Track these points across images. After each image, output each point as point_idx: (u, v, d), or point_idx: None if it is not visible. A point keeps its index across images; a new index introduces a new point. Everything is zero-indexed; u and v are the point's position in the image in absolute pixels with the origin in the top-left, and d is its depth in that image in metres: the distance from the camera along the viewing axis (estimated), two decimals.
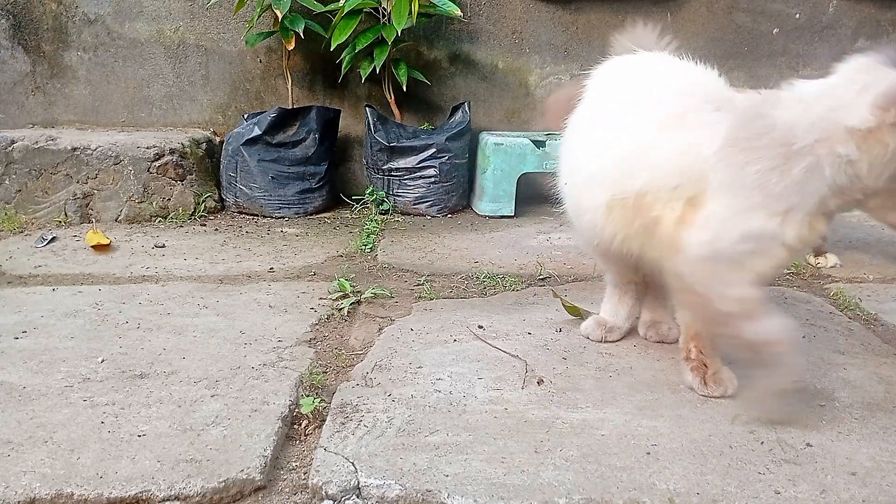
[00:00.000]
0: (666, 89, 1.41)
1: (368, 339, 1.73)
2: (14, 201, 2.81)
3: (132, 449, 1.21)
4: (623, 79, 1.52)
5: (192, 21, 3.27)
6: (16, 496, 1.08)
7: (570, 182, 1.54)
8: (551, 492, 1.10)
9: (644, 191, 1.33)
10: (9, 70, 3.27)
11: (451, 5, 2.92)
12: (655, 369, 1.55)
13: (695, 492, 1.10)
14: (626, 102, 1.44)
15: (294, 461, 1.23)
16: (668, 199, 1.31)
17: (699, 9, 3.34)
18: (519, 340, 1.69)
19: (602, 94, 1.53)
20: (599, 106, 1.51)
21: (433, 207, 3.05)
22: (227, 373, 1.51)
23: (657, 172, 1.33)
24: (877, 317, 1.90)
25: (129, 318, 1.82)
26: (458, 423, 1.30)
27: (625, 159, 1.38)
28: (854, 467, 1.17)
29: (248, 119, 3.09)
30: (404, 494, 1.10)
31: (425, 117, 3.34)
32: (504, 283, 2.16)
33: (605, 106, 1.49)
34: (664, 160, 1.32)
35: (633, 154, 1.37)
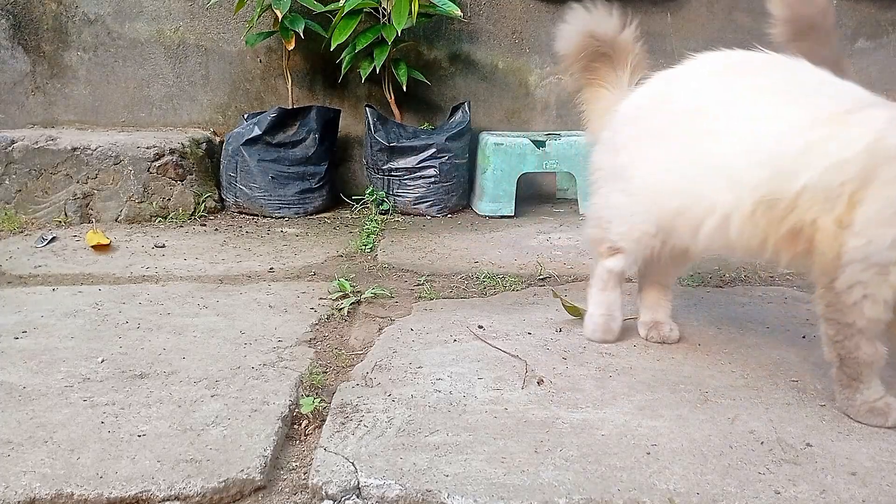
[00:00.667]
0: (802, 86, 1.37)
1: (368, 339, 1.73)
2: (14, 201, 2.81)
3: (132, 449, 1.21)
4: (730, 76, 1.45)
5: (192, 21, 3.27)
6: (16, 496, 1.08)
7: (676, 186, 1.45)
8: (551, 492, 1.10)
9: (804, 191, 1.29)
10: (9, 70, 3.27)
11: (451, 5, 2.92)
12: (655, 369, 1.55)
13: (695, 492, 1.10)
14: (756, 101, 1.38)
15: (294, 461, 1.23)
16: (829, 198, 1.27)
17: (699, 9, 3.34)
18: (519, 340, 1.69)
19: (709, 91, 1.45)
20: (714, 104, 1.42)
21: (433, 207, 3.05)
22: (227, 373, 1.51)
23: (821, 171, 1.27)
24: None
25: (129, 318, 1.82)
26: (458, 423, 1.30)
27: (777, 158, 1.31)
28: (854, 467, 1.17)
29: (248, 119, 3.09)
30: (404, 494, 1.10)
31: (425, 117, 3.34)
32: (504, 283, 2.16)
33: (722, 105, 1.41)
34: (830, 157, 1.27)
35: (789, 153, 1.30)
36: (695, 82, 1.50)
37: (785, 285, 2.15)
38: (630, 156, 1.53)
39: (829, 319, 1.33)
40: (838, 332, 1.32)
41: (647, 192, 1.51)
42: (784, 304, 1.98)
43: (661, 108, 1.51)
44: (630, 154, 1.53)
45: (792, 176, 1.30)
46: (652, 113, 1.52)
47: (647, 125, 1.52)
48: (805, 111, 1.33)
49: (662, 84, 1.56)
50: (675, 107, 1.49)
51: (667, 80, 1.56)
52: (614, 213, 1.59)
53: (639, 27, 1.72)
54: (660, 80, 1.57)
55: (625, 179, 1.55)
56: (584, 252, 2.50)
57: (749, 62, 1.46)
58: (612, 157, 1.58)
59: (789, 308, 1.94)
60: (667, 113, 1.49)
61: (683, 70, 1.53)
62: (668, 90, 1.53)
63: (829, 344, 1.35)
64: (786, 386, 1.47)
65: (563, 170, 3.10)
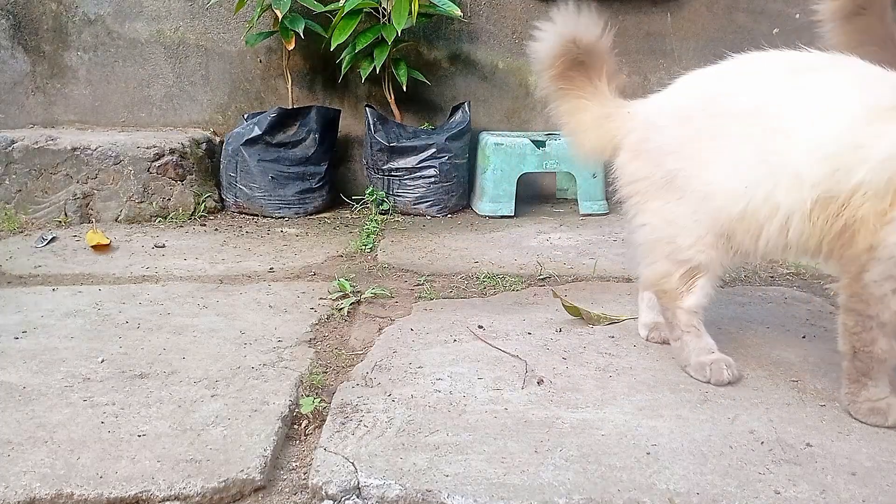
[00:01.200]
0: (857, 81, 1.35)
1: (368, 339, 1.73)
2: (14, 201, 2.81)
3: (132, 449, 1.21)
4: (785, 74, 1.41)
5: (192, 21, 3.28)
6: (16, 496, 1.08)
7: (739, 188, 1.38)
8: (551, 492, 1.10)
9: (858, 187, 1.27)
10: (9, 70, 3.27)
11: (451, 5, 2.92)
12: (655, 369, 1.55)
13: (695, 492, 1.10)
14: (814, 97, 1.35)
15: (294, 461, 1.23)
16: (878, 194, 1.26)
17: (699, 9, 3.34)
18: (519, 340, 1.69)
19: (766, 90, 1.40)
20: (774, 103, 1.37)
21: (433, 207, 3.05)
22: (227, 373, 1.51)
23: (873, 166, 1.26)
24: None
25: (129, 318, 1.82)
26: (458, 423, 1.30)
27: (834, 156, 1.29)
28: (854, 467, 1.17)
29: (248, 119, 3.09)
30: (404, 494, 1.10)
31: (425, 117, 3.34)
32: (504, 283, 2.16)
33: (782, 103, 1.37)
34: (881, 153, 1.26)
35: (845, 149, 1.28)
36: (748, 81, 1.43)
37: (785, 285, 2.15)
38: (682, 160, 1.44)
39: (851, 310, 1.32)
40: (857, 324, 1.31)
41: (709, 197, 1.42)
42: (784, 304, 1.98)
43: (714, 109, 1.43)
44: (682, 158, 1.44)
45: (848, 172, 1.28)
46: (705, 113, 1.44)
47: (701, 126, 1.43)
48: (860, 106, 1.31)
49: (707, 83, 1.50)
50: (731, 106, 1.41)
51: (710, 78, 1.50)
52: (677, 225, 1.46)
53: (639, 27, 1.70)
54: (700, 79, 1.51)
55: (678, 187, 1.45)
56: (584, 252, 2.50)
57: (799, 60, 1.42)
58: (653, 164, 1.48)
59: (789, 308, 1.94)
60: (723, 113, 1.42)
61: (728, 69, 1.48)
62: (720, 89, 1.46)
63: (846, 335, 1.34)
64: (786, 386, 1.47)
65: (563, 170, 3.10)
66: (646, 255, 1.54)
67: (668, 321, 1.55)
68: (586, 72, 1.64)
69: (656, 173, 1.48)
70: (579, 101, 1.65)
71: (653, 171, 1.49)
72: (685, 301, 1.51)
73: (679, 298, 1.51)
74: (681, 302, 1.51)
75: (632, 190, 1.54)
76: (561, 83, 1.65)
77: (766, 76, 1.42)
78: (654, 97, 1.59)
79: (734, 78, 1.46)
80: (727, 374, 1.47)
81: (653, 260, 1.53)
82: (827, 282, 2.18)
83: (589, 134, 1.64)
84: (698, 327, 1.52)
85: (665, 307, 1.54)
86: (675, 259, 1.49)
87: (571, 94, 1.65)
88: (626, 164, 1.55)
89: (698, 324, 1.52)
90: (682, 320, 1.52)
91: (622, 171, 1.56)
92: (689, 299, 1.50)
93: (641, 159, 1.51)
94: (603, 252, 2.51)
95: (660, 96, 1.58)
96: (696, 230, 1.45)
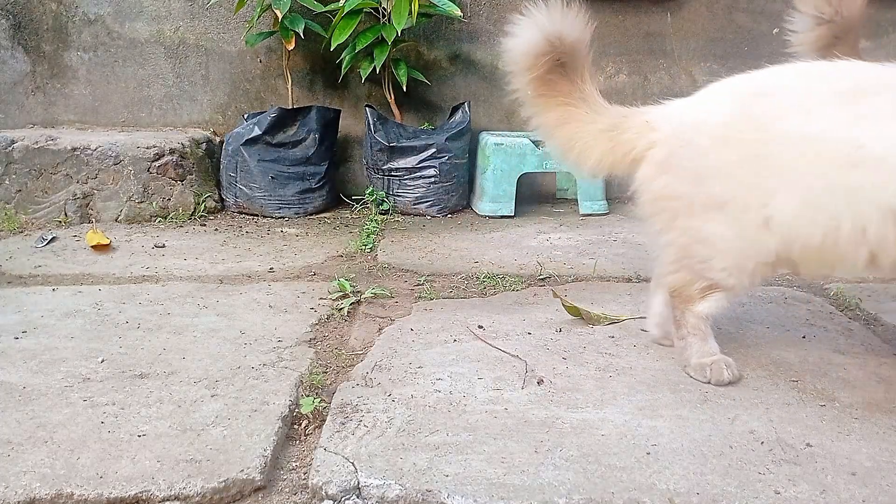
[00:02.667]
0: None
1: (368, 339, 1.73)
2: (14, 201, 2.81)
3: (132, 449, 1.21)
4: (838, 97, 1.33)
5: (192, 21, 3.27)
6: (16, 496, 1.08)
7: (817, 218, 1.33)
8: (551, 492, 1.10)
9: None
10: (9, 70, 3.27)
11: (451, 5, 2.92)
12: (655, 369, 1.55)
13: (695, 492, 1.10)
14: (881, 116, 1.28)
15: (294, 461, 1.23)
16: None
17: (699, 9, 3.34)
18: (519, 340, 1.69)
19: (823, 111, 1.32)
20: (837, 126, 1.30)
21: (433, 207, 3.05)
22: (227, 373, 1.51)
23: None
24: (877, 317, 1.90)
25: (129, 318, 1.82)
26: (458, 423, 1.30)
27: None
28: (854, 467, 1.17)
29: (248, 119, 3.09)
30: (404, 494, 1.10)
31: (425, 117, 3.34)
32: (504, 283, 2.16)
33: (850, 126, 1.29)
34: None
35: None
36: (802, 101, 1.35)
37: (785, 285, 2.15)
38: (734, 186, 1.37)
39: None
40: None
41: (775, 228, 1.35)
42: (784, 304, 1.98)
43: (769, 133, 1.34)
44: (734, 184, 1.37)
45: None
46: (757, 137, 1.35)
47: (756, 152, 1.35)
48: None
49: (752, 100, 1.40)
50: (789, 131, 1.32)
51: (753, 94, 1.41)
52: (715, 248, 1.41)
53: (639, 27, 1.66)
54: (740, 94, 1.43)
55: (727, 211, 1.38)
56: (584, 252, 2.50)
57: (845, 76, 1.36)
58: (690, 184, 1.41)
59: (789, 308, 1.94)
60: (781, 138, 1.33)
61: (771, 84, 1.40)
62: (769, 110, 1.36)
63: None
64: (786, 386, 1.47)
65: (563, 170, 3.10)
66: (669, 265, 1.50)
67: (676, 320, 1.54)
68: (568, 74, 1.51)
69: (695, 194, 1.41)
70: (568, 109, 1.53)
71: (690, 192, 1.41)
72: (698, 306, 1.49)
73: (693, 303, 1.49)
74: (693, 306, 1.50)
75: (659, 207, 1.47)
76: (542, 89, 1.54)
77: (820, 96, 1.34)
78: (678, 107, 1.50)
79: (784, 97, 1.37)
80: (727, 373, 1.47)
81: (676, 269, 1.49)
82: (827, 282, 2.18)
83: (592, 148, 1.54)
84: (705, 331, 1.51)
85: (676, 306, 1.53)
86: (703, 275, 1.45)
87: (555, 101, 1.54)
88: (651, 179, 1.47)
89: (706, 328, 1.51)
90: (690, 322, 1.51)
91: (646, 186, 1.48)
92: (702, 305, 1.49)
93: (673, 176, 1.44)
94: (603, 252, 2.51)
95: (687, 108, 1.48)
96: (735, 257, 1.40)
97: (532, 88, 1.55)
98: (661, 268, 1.53)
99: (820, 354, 1.63)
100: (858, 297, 2.02)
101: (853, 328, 1.81)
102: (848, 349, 1.67)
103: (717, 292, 1.47)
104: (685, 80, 3.36)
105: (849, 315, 1.91)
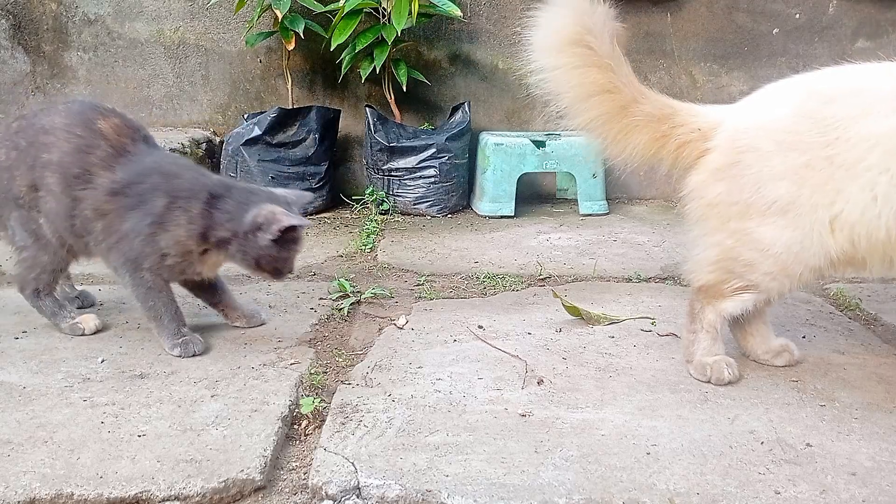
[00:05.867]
0: None
1: (368, 339, 1.73)
2: None
3: (132, 449, 1.21)
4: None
5: (192, 21, 3.28)
6: (16, 496, 1.08)
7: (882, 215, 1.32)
8: (551, 492, 1.10)
9: None
10: (9, 70, 3.27)
11: (451, 5, 2.92)
12: (655, 369, 1.55)
13: (695, 492, 1.10)
14: None
15: (294, 461, 1.23)
16: None
17: (699, 9, 3.34)
18: (519, 340, 1.69)
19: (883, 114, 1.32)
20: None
21: (433, 207, 3.05)
22: (227, 373, 1.51)
23: None
24: (877, 317, 1.90)
25: (128, 319, 1.82)
26: (458, 423, 1.30)
27: None
28: (854, 467, 1.17)
29: (248, 119, 3.09)
30: (404, 494, 1.10)
31: (425, 117, 3.34)
32: (504, 283, 2.16)
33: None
34: None
35: None
36: (866, 101, 1.34)
37: None
38: (800, 188, 1.35)
39: None
40: None
41: (843, 227, 1.34)
42: (784, 304, 1.97)
43: (835, 135, 1.33)
44: (800, 186, 1.35)
45: None
46: (824, 140, 1.34)
47: (825, 154, 1.34)
48: None
49: (812, 103, 1.38)
50: (855, 132, 1.32)
51: (813, 96, 1.40)
52: (765, 252, 1.40)
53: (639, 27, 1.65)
54: (799, 96, 1.42)
55: (791, 214, 1.36)
56: (584, 252, 2.50)
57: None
58: (749, 190, 1.39)
59: (789, 308, 1.94)
60: (848, 140, 1.32)
61: (833, 86, 1.39)
62: (834, 113, 1.35)
63: None
64: (786, 386, 1.47)
65: (563, 170, 3.10)
66: (708, 265, 1.48)
67: (692, 312, 1.52)
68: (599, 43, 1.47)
69: (756, 199, 1.39)
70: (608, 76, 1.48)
71: (748, 197, 1.40)
72: (723, 304, 1.48)
73: (719, 299, 1.48)
74: (719, 303, 1.48)
75: (712, 212, 1.45)
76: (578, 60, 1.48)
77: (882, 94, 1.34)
78: (734, 111, 1.48)
79: (848, 98, 1.36)
80: (727, 373, 1.47)
81: (714, 269, 1.47)
82: (827, 282, 2.18)
83: (636, 132, 1.50)
84: (718, 331, 1.51)
85: (698, 300, 1.51)
86: (742, 276, 1.44)
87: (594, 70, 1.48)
88: (705, 185, 1.45)
89: (720, 328, 1.51)
90: (707, 318, 1.50)
91: (699, 191, 1.46)
92: (727, 304, 1.47)
93: (730, 183, 1.42)
94: (603, 252, 2.51)
95: (745, 112, 1.47)
96: (787, 261, 1.39)
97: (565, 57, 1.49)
98: (695, 265, 1.51)
99: (820, 354, 1.63)
100: (858, 297, 2.02)
101: (853, 328, 1.81)
102: (848, 349, 1.67)
103: (748, 293, 1.45)
104: (685, 80, 3.37)
105: (849, 315, 1.91)
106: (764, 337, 1.59)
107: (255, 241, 1.53)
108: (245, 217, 1.54)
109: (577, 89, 1.50)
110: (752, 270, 1.43)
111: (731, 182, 1.42)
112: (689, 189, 1.48)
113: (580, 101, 1.51)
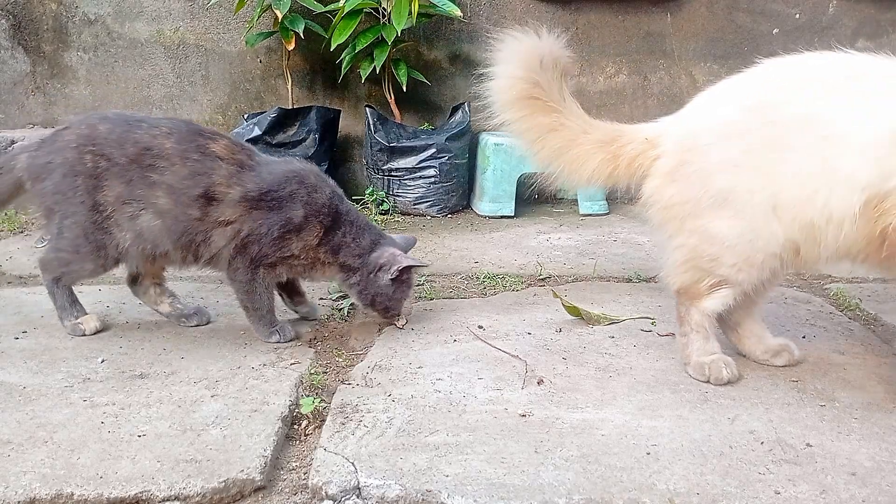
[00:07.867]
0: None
1: (368, 339, 1.73)
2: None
3: (132, 449, 1.21)
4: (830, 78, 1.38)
5: (192, 21, 3.28)
6: (16, 496, 1.08)
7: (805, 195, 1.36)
8: (551, 492, 1.10)
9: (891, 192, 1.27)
10: (9, 70, 3.27)
11: (451, 5, 2.92)
12: (655, 369, 1.55)
13: (695, 492, 1.10)
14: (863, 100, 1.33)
15: (294, 461, 1.23)
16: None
17: (699, 9, 3.34)
18: (519, 340, 1.69)
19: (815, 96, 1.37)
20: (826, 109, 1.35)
21: (433, 207, 3.05)
22: (227, 373, 1.51)
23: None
24: (877, 317, 1.90)
25: (129, 319, 1.82)
26: (458, 423, 1.30)
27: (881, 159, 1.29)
28: (854, 467, 1.17)
29: (249, 119, 3.09)
30: (404, 494, 1.10)
31: (425, 117, 3.34)
32: (504, 283, 2.16)
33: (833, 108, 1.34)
34: None
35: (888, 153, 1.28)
36: (800, 87, 1.39)
37: (785, 285, 2.15)
38: (738, 176, 1.39)
39: None
40: None
41: (778, 209, 1.37)
42: (784, 304, 1.98)
43: (768, 119, 1.38)
44: (739, 174, 1.39)
45: (889, 176, 1.27)
46: (759, 125, 1.39)
47: (758, 139, 1.38)
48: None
49: (754, 93, 1.44)
50: (784, 115, 1.37)
51: (756, 88, 1.45)
52: (723, 245, 1.42)
53: (639, 27, 1.68)
54: (745, 90, 1.46)
55: (734, 203, 1.40)
56: (584, 252, 2.50)
57: (840, 63, 1.39)
58: (697, 187, 1.43)
59: (789, 308, 1.94)
60: (778, 122, 1.37)
61: (769, 77, 1.45)
62: (767, 99, 1.41)
63: None
64: (786, 386, 1.47)
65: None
66: (679, 266, 1.50)
67: (680, 316, 1.54)
68: (552, 95, 1.57)
69: (703, 195, 1.43)
70: (557, 118, 1.58)
71: (698, 194, 1.43)
72: (704, 303, 1.49)
73: (700, 299, 1.50)
74: (699, 302, 1.50)
75: (669, 214, 1.49)
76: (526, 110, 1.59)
77: (813, 82, 1.39)
78: (676, 119, 1.53)
79: (779, 85, 1.42)
80: (726, 372, 1.47)
81: (685, 270, 1.49)
82: (827, 282, 2.18)
83: (587, 159, 1.58)
84: (708, 329, 1.52)
85: (681, 303, 1.53)
86: (712, 272, 1.46)
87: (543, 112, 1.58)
88: (659, 189, 1.50)
89: (709, 326, 1.52)
90: (694, 319, 1.51)
91: (655, 196, 1.50)
92: (708, 302, 1.49)
93: (681, 183, 1.46)
94: (603, 252, 2.51)
95: (687, 117, 1.52)
96: (744, 250, 1.42)
97: (516, 111, 1.61)
98: (668, 270, 1.53)
99: (820, 354, 1.63)
100: (858, 297, 2.02)
101: (853, 328, 1.81)
102: (848, 349, 1.67)
103: (725, 288, 1.47)
104: (685, 80, 3.37)
105: (849, 315, 1.91)
106: (759, 337, 1.59)
107: (376, 280, 1.70)
108: (371, 256, 1.71)
109: (530, 133, 1.62)
110: (718, 265, 1.45)
111: (681, 182, 1.46)
112: (646, 196, 1.53)
113: (535, 142, 1.62)
